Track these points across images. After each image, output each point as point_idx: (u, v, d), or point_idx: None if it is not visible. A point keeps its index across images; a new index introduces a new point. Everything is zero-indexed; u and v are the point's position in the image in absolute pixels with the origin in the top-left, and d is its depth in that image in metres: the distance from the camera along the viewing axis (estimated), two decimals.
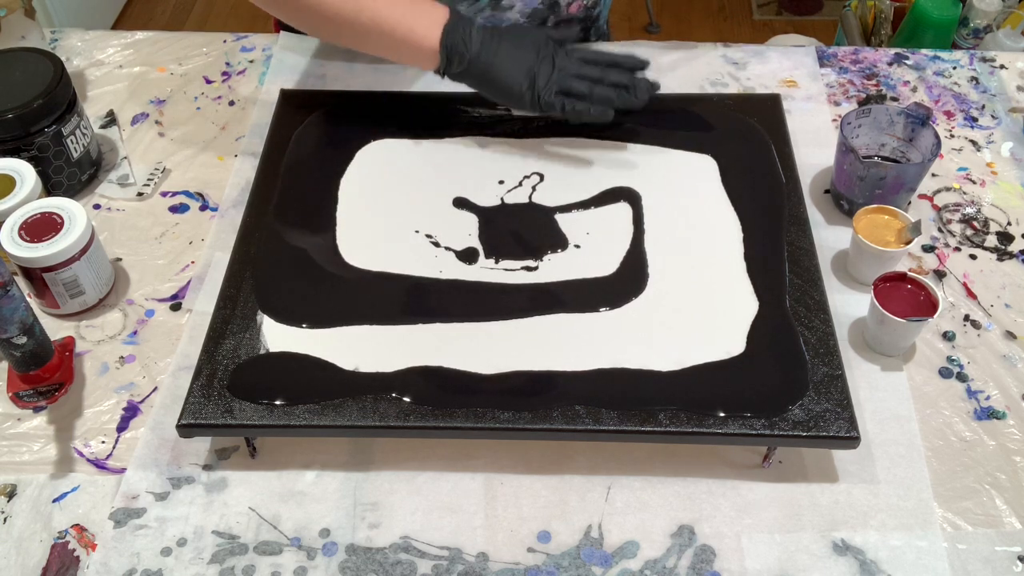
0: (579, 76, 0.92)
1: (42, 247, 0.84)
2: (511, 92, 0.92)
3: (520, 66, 0.91)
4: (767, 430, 0.74)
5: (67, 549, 0.75)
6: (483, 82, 0.92)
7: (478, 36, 0.90)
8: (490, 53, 0.91)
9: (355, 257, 0.88)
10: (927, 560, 0.73)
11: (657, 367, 0.79)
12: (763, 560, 0.73)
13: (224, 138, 1.08)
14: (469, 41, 0.90)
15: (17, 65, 0.97)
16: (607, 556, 0.73)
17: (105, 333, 0.89)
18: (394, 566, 0.73)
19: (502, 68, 0.91)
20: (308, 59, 1.15)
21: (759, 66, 1.15)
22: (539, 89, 0.91)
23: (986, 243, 0.96)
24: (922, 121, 0.95)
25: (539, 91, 0.91)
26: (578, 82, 0.92)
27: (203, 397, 0.77)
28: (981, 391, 0.84)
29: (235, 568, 0.73)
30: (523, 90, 0.91)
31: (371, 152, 0.98)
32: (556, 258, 0.88)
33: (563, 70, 0.92)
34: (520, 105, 0.93)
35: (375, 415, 0.75)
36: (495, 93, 0.93)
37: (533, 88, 0.91)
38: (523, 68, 0.91)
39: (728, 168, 0.96)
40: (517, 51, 0.91)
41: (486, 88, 0.93)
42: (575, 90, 0.92)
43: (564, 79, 0.92)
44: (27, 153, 0.94)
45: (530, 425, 0.75)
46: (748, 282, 0.85)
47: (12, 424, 0.83)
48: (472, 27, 0.91)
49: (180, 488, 0.78)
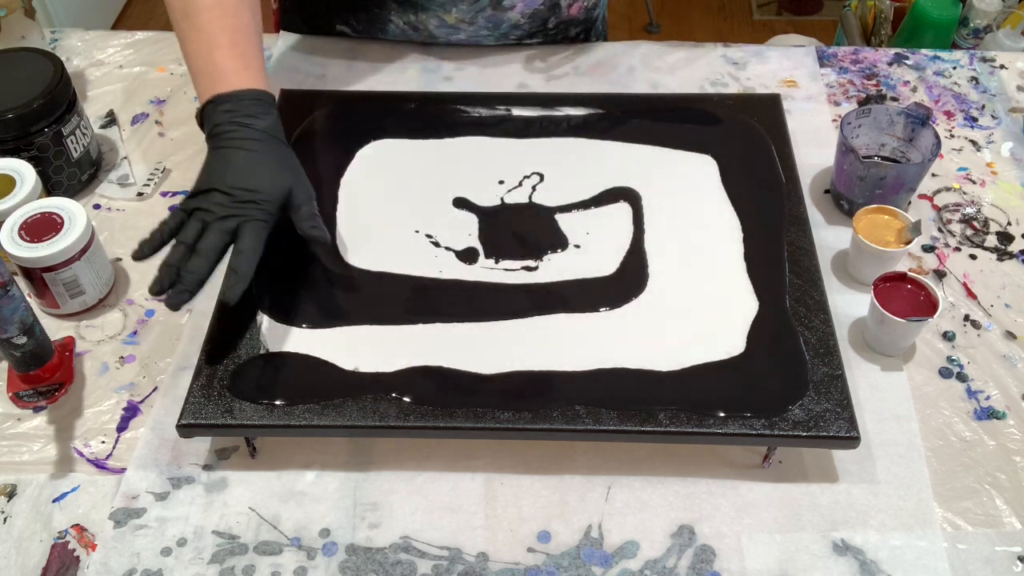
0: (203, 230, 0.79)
1: (42, 247, 0.84)
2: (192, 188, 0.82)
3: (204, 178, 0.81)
4: (767, 430, 0.74)
5: (67, 549, 0.75)
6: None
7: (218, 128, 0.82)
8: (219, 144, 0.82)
9: (355, 257, 0.88)
10: (927, 560, 0.73)
11: (657, 367, 0.79)
12: (763, 560, 0.73)
13: None
14: (209, 124, 0.83)
15: (17, 65, 0.97)
16: (607, 556, 0.73)
17: (105, 333, 0.89)
18: (394, 566, 0.73)
19: (209, 164, 0.82)
20: (308, 59, 1.15)
21: (759, 66, 1.15)
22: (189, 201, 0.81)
23: (986, 243, 0.96)
24: (922, 121, 0.95)
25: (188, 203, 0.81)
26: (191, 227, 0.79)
27: (203, 397, 0.77)
28: (981, 391, 0.84)
29: (235, 568, 0.73)
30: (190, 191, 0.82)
31: (371, 152, 0.98)
32: (556, 258, 0.88)
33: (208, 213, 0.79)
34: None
35: (375, 415, 0.75)
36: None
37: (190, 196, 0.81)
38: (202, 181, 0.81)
39: (728, 168, 0.96)
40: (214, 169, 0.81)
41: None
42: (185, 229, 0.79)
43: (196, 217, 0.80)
44: (27, 153, 0.94)
45: (530, 425, 0.75)
46: (748, 282, 0.85)
47: (12, 424, 0.83)
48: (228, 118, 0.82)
49: (180, 488, 0.78)
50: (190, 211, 0.80)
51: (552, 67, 1.14)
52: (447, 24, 1.10)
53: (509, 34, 1.13)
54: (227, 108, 0.83)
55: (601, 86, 1.11)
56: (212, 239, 0.78)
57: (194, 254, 0.78)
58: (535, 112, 1.01)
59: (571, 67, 1.14)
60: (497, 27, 1.11)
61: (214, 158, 0.82)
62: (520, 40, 1.15)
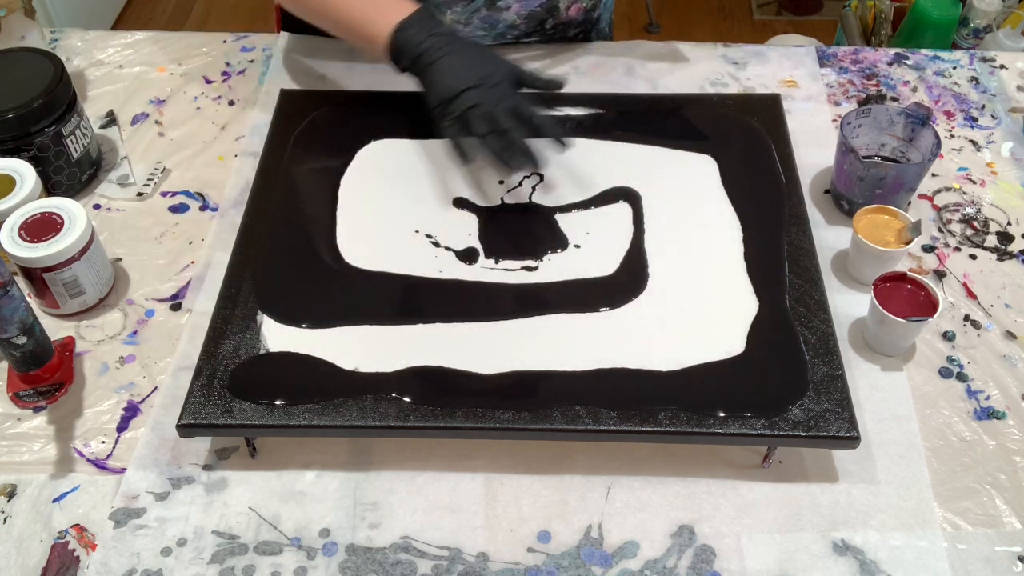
0: (488, 118, 0.88)
1: (42, 247, 0.84)
2: (430, 99, 0.91)
3: (449, 83, 0.89)
4: (767, 430, 0.74)
5: (67, 549, 0.75)
6: (421, 82, 0.92)
7: (429, 40, 0.90)
8: (432, 58, 0.90)
9: (355, 257, 0.88)
10: (927, 560, 0.73)
11: (657, 367, 0.79)
12: (763, 560, 0.73)
13: (224, 138, 1.08)
14: (419, 41, 0.90)
15: (17, 65, 0.97)
16: (607, 556, 0.73)
17: (105, 333, 0.89)
18: (394, 566, 0.73)
19: (435, 77, 0.90)
20: (308, 59, 1.15)
21: (759, 66, 1.15)
22: (448, 110, 0.89)
23: (986, 243, 0.96)
24: (922, 121, 0.95)
25: (447, 111, 0.89)
26: (480, 123, 0.88)
27: (203, 397, 0.77)
28: (981, 391, 0.84)
29: (235, 568, 0.73)
30: (436, 104, 0.90)
31: (371, 152, 0.98)
32: (556, 258, 0.88)
33: (479, 107, 0.88)
34: (433, 115, 0.91)
35: (375, 415, 0.75)
36: (426, 95, 0.92)
37: (444, 106, 0.89)
38: (449, 86, 0.89)
39: (728, 168, 0.96)
40: (457, 68, 0.89)
41: (424, 88, 0.92)
42: (473, 128, 0.88)
43: (473, 114, 0.88)
44: (27, 153, 0.94)
45: (530, 425, 0.75)
46: (748, 282, 0.85)
47: (12, 424, 0.83)
48: (429, 29, 0.90)
49: (180, 488, 0.78)
50: (460, 115, 0.88)
51: (551, 67, 1.14)
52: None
53: (506, 34, 1.13)
54: (417, 29, 0.90)
55: (601, 86, 1.11)
56: (508, 119, 0.88)
57: (506, 133, 0.88)
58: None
59: (570, 67, 1.14)
60: (493, 27, 1.11)
61: (439, 68, 0.89)
62: (517, 40, 1.14)
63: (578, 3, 1.12)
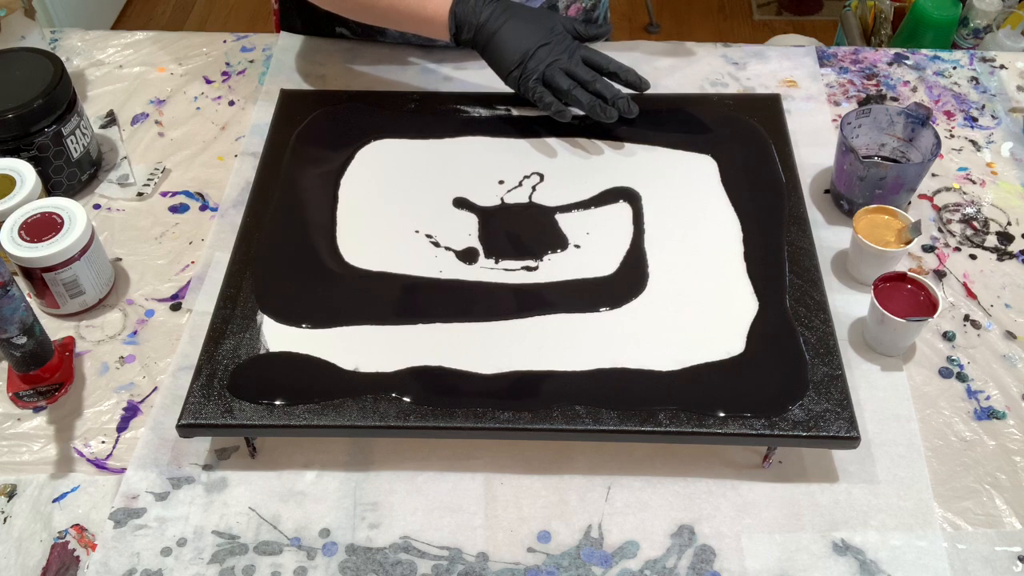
0: (568, 72, 0.95)
1: (42, 247, 0.84)
2: (502, 66, 0.96)
3: (519, 44, 0.94)
4: (767, 430, 0.74)
5: (67, 549, 0.75)
6: (485, 51, 0.96)
7: (488, 7, 0.94)
8: (496, 25, 0.94)
9: (355, 257, 0.88)
10: (927, 560, 0.73)
11: (657, 367, 0.79)
12: (763, 560, 0.73)
13: (224, 138, 1.08)
14: (479, 10, 0.94)
15: (17, 65, 0.97)
16: (607, 556, 0.73)
17: (105, 333, 0.89)
18: (394, 566, 0.73)
19: (503, 42, 0.94)
20: (308, 59, 1.15)
21: (759, 66, 1.15)
22: (526, 71, 0.94)
23: (986, 243, 0.96)
24: (922, 121, 0.95)
25: (525, 73, 0.94)
26: (562, 77, 0.94)
27: (203, 397, 0.77)
28: (981, 391, 0.84)
29: (235, 568, 0.73)
30: (512, 67, 0.95)
31: (371, 152, 0.98)
32: (556, 258, 0.88)
33: (557, 62, 0.94)
34: (508, 82, 0.97)
35: (375, 415, 0.75)
36: (492, 64, 0.97)
37: (522, 68, 0.94)
38: (521, 47, 0.94)
39: (728, 168, 0.96)
40: (523, 29, 0.94)
41: (487, 57, 0.97)
42: (556, 83, 0.94)
43: (552, 70, 0.94)
44: (27, 153, 0.94)
45: (530, 425, 0.75)
46: (748, 282, 0.85)
47: (12, 424, 0.83)
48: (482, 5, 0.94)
49: (180, 488, 0.78)
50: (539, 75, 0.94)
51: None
52: None
53: None
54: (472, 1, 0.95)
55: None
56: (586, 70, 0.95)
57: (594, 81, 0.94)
58: (535, 112, 1.01)
59: None
60: None
61: (505, 33, 0.94)
62: None
63: (578, 3, 1.12)
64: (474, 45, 0.97)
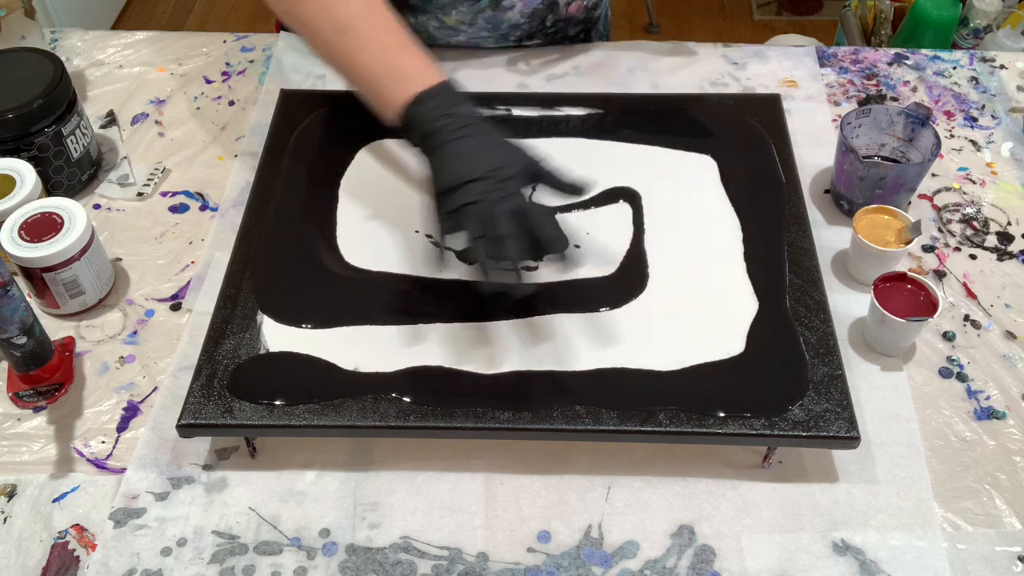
0: (485, 218, 0.76)
1: (42, 247, 0.84)
2: (435, 184, 0.79)
3: (454, 171, 0.78)
4: (767, 430, 0.74)
5: (67, 549, 0.75)
6: (430, 161, 0.81)
7: (445, 119, 0.79)
8: (442, 140, 0.79)
9: (355, 257, 0.88)
10: (927, 560, 0.73)
11: (657, 367, 0.79)
12: (763, 560, 0.73)
13: (224, 138, 1.08)
14: (434, 118, 0.80)
15: (17, 65, 0.96)
16: (607, 556, 0.73)
17: (105, 333, 0.89)
18: (394, 566, 0.73)
19: (441, 162, 0.79)
20: (308, 59, 1.15)
21: (759, 66, 1.15)
22: (447, 201, 0.78)
23: (986, 243, 0.96)
24: (922, 121, 0.95)
25: (446, 203, 0.78)
26: (475, 222, 0.76)
27: (203, 397, 0.77)
28: (981, 391, 0.84)
29: (235, 568, 0.73)
30: (438, 191, 0.79)
31: (371, 152, 0.98)
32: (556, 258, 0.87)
33: (478, 204, 0.76)
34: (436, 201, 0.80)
35: (375, 415, 0.75)
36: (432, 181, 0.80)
37: (445, 197, 0.78)
38: (455, 174, 0.77)
39: (728, 168, 0.96)
40: (467, 157, 0.78)
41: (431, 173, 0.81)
42: (466, 225, 0.77)
43: (468, 212, 0.76)
44: (27, 153, 0.94)
45: (530, 425, 0.75)
46: (748, 282, 0.85)
47: (12, 424, 0.83)
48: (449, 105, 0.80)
49: (180, 488, 0.78)
50: (455, 210, 0.77)
51: (551, 67, 1.14)
52: (446, 26, 1.10)
53: (508, 35, 1.13)
54: (435, 104, 0.80)
55: (601, 86, 1.11)
56: (506, 223, 0.75)
57: (503, 241, 0.75)
58: (535, 112, 1.01)
59: (571, 67, 1.14)
60: (497, 28, 1.11)
61: (446, 153, 0.79)
62: (519, 41, 1.15)
63: (578, 0, 1.12)
64: (422, 152, 0.81)
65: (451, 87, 0.82)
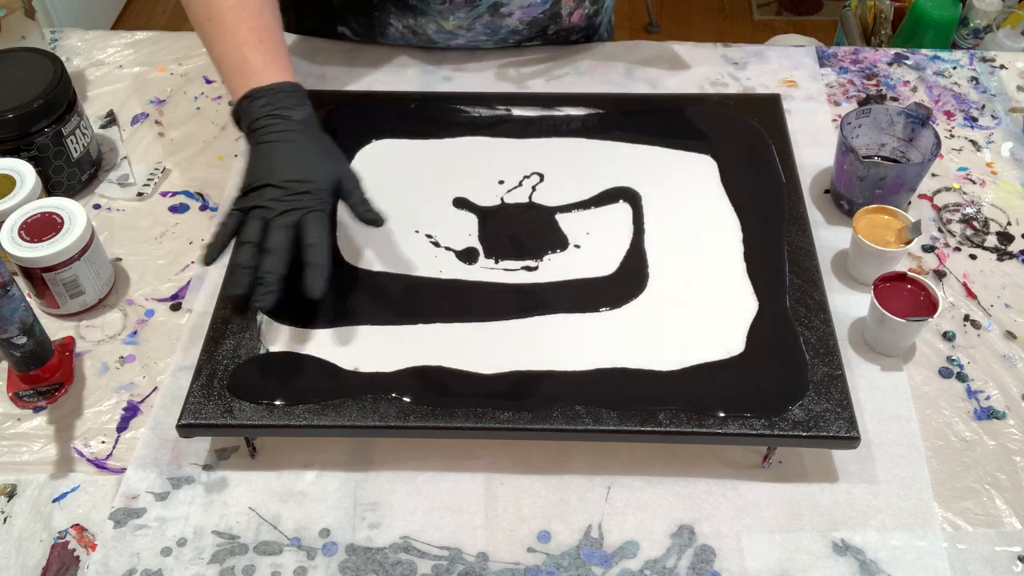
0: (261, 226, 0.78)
1: (42, 247, 0.84)
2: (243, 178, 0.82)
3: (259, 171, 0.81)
4: (767, 430, 0.74)
5: (67, 549, 0.75)
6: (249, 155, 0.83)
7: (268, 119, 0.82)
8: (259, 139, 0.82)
9: (355, 257, 0.88)
10: (927, 560, 0.73)
11: (657, 367, 0.79)
12: (763, 560, 0.73)
13: (224, 138, 1.08)
14: (252, 117, 0.82)
15: (17, 65, 0.96)
16: (607, 556, 0.73)
17: (105, 333, 0.89)
18: (394, 566, 0.73)
19: (252, 160, 0.82)
20: (308, 59, 1.15)
21: (759, 66, 1.15)
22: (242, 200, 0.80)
23: (986, 243, 0.96)
24: (922, 121, 0.95)
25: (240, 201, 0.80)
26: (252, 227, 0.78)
27: (203, 397, 0.77)
28: (981, 391, 0.84)
29: (235, 568, 0.73)
30: (241, 188, 0.81)
31: (371, 152, 0.98)
32: (556, 258, 0.88)
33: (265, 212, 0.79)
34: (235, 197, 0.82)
35: (375, 415, 0.75)
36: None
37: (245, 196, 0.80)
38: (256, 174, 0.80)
39: (728, 168, 0.96)
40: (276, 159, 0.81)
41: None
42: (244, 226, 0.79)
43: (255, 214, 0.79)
44: (27, 153, 0.94)
45: (530, 425, 0.75)
46: (748, 282, 0.85)
47: (12, 424, 0.83)
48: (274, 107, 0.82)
49: (180, 488, 0.78)
50: (246, 209, 0.80)
51: (551, 67, 1.14)
52: (445, 30, 1.10)
53: (507, 39, 1.13)
54: (264, 102, 0.83)
55: (601, 86, 1.11)
56: (279, 236, 0.78)
57: (267, 253, 0.77)
58: (535, 112, 1.01)
59: (571, 67, 1.14)
60: (495, 32, 1.11)
61: (259, 153, 0.82)
62: (519, 44, 1.15)
63: (580, 9, 1.12)
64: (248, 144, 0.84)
65: (289, 88, 0.84)
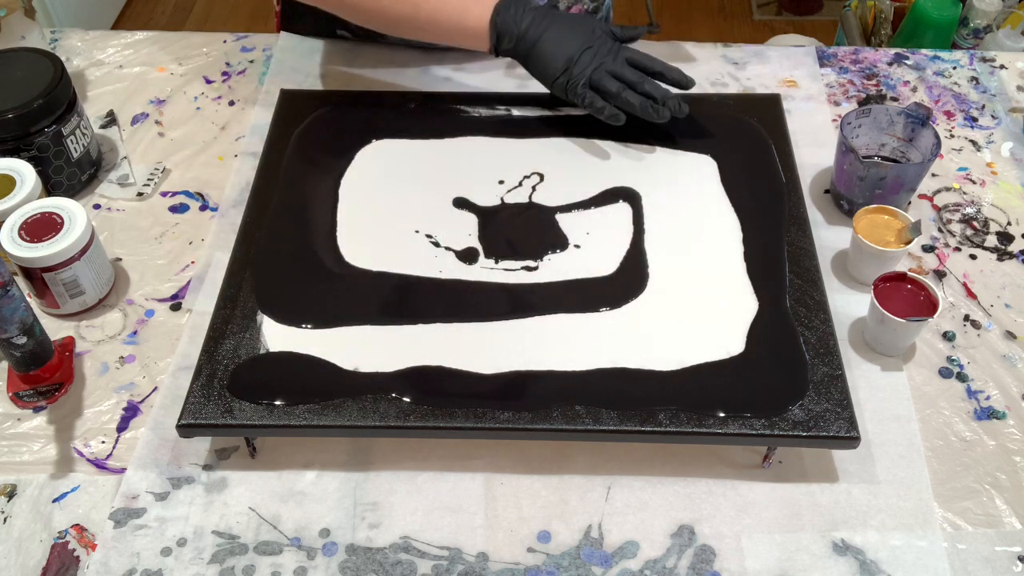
0: (615, 75, 0.94)
1: (42, 247, 0.84)
2: (547, 74, 0.95)
3: (563, 51, 0.93)
4: (767, 430, 0.74)
5: (67, 549, 0.75)
6: (528, 60, 0.95)
7: (528, 15, 0.93)
8: (538, 32, 0.93)
9: (355, 257, 0.88)
10: (927, 560, 0.73)
11: (657, 367, 0.79)
12: (763, 560, 0.73)
13: (224, 138, 1.08)
14: (519, 19, 0.93)
15: (17, 65, 0.97)
16: (607, 556, 0.73)
17: (105, 333, 0.89)
18: (394, 566, 0.73)
19: (546, 49, 0.94)
20: (308, 59, 1.15)
21: (759, 66, 1.15)
22: (572, 77, 0.93)
23: (986, 243, 0.96)
24: (922, 121, 0.95)
25: (572, 79, 0.93)
26: (610, 81, 0.94)
27: (203, 397, 0.77)
28: (981, 391, 0.84)
29: (235, 568, 0.73)
30: (557, 74, 0.94)
31: (371, 152, 0.98)
32: (556, 258, 0.88)
33: (602, 65, 0.94)
34: (553, 88, 0.96)
35: (375, 415, 0.75)
36: (536, 72, 0.96)
37: (568, 74, 0.93)
38: (565, 53, 0.93)
39: (728, 168, 0.96)
40: (565, 35, 0.94)
41: (530, 66, 0.96)
42: (604, 87, 0.94)
43: (599, 74, 0.94)
44: (27, 153, 0.94)
45: (530, 425, 0.75)
46: (748, 282, 0.85)
47: (12, 424, 0.83)
48: (524, 7, 0.94)
49: (180, 488, 0.78)
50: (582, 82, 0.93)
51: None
52: None
53: None
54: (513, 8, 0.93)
55: None
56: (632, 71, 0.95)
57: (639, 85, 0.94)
58: (535, 112, 1.01)
59: None
60: None
61: (547, 40, 0.94)
62: None
63: (578, 4, 1.12)
64: (515, 55, 0.96)
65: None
